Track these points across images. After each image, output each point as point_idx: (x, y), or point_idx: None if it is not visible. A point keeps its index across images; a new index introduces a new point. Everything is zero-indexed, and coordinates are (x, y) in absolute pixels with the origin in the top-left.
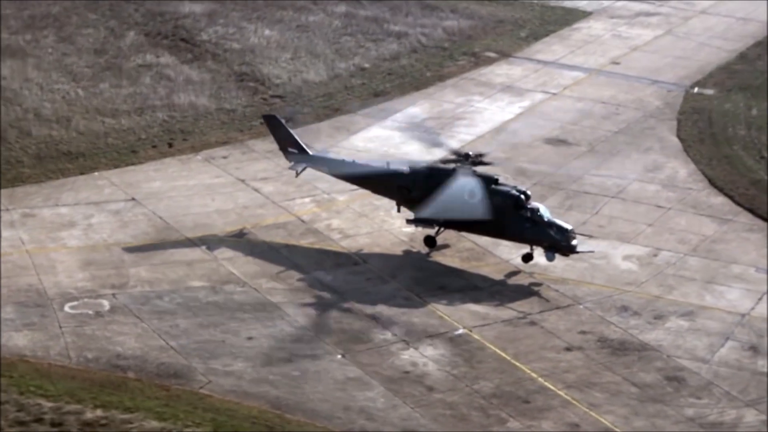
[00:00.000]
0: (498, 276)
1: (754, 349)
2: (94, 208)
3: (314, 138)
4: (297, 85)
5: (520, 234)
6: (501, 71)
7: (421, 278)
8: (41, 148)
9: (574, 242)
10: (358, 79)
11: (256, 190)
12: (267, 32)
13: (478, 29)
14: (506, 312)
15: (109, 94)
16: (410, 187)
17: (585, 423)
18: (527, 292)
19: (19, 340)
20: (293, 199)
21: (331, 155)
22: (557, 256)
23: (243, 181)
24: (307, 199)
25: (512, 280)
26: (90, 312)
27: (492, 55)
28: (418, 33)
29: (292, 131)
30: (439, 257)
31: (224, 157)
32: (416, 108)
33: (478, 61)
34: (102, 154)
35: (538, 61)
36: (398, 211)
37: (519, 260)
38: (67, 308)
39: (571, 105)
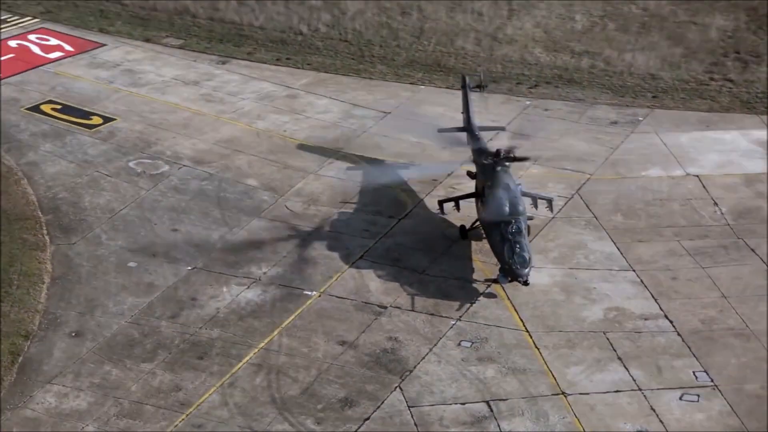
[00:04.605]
0: (473, 275)
1: (479, 420)
2: (343, 107)
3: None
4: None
5: (491, 244)
6: None
7: (399, 247)
8: (427, 56)
9: (524, 271)
10: None
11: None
12: None
13: None
14: (385, 298)
15: (574, 33)
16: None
17: (190, 389)
18: (451, 294)
19: (51, 168)
20: None
21: (479, 132)
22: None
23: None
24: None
25: (474, 284)
26: (138, 170)
27: None
28: None
29: (470, 98)
30: (469, 241)
31: (546, 110)
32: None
33: None
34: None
35: None
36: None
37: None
38: (132, 163)
39: None
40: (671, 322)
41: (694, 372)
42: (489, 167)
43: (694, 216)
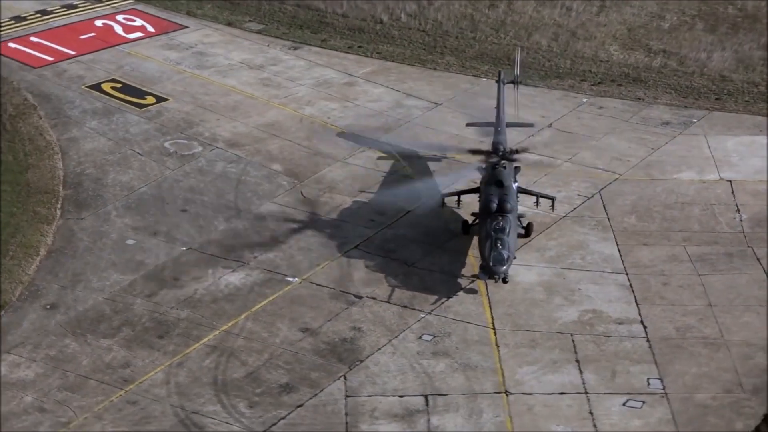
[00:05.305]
0: (462, 269)
1: (410, 414)
2: (396, 96)
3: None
4: None
5: (478, 239)
6: None
7: (397, 238)
8: (499, 49)
9: (500, 269)
10: None
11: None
12: None
13: None
14: (364, 288)
15: (659, 31)
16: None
17: (138, 367)
18: (432, 288)
19: (88, 144)
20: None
21: (501, 128)
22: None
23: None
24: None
25: (459, 279)
26: (171, 150)
27: None
28: None
29: (502, 93)
30: (470, 236)
31: (601, 108)
32: None
33: None
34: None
35: None
36: None
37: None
38: (167, 143)
39: None
40: (645, 327)
41: (648, 379)
42: (487, 164)
43: (710, 221)
